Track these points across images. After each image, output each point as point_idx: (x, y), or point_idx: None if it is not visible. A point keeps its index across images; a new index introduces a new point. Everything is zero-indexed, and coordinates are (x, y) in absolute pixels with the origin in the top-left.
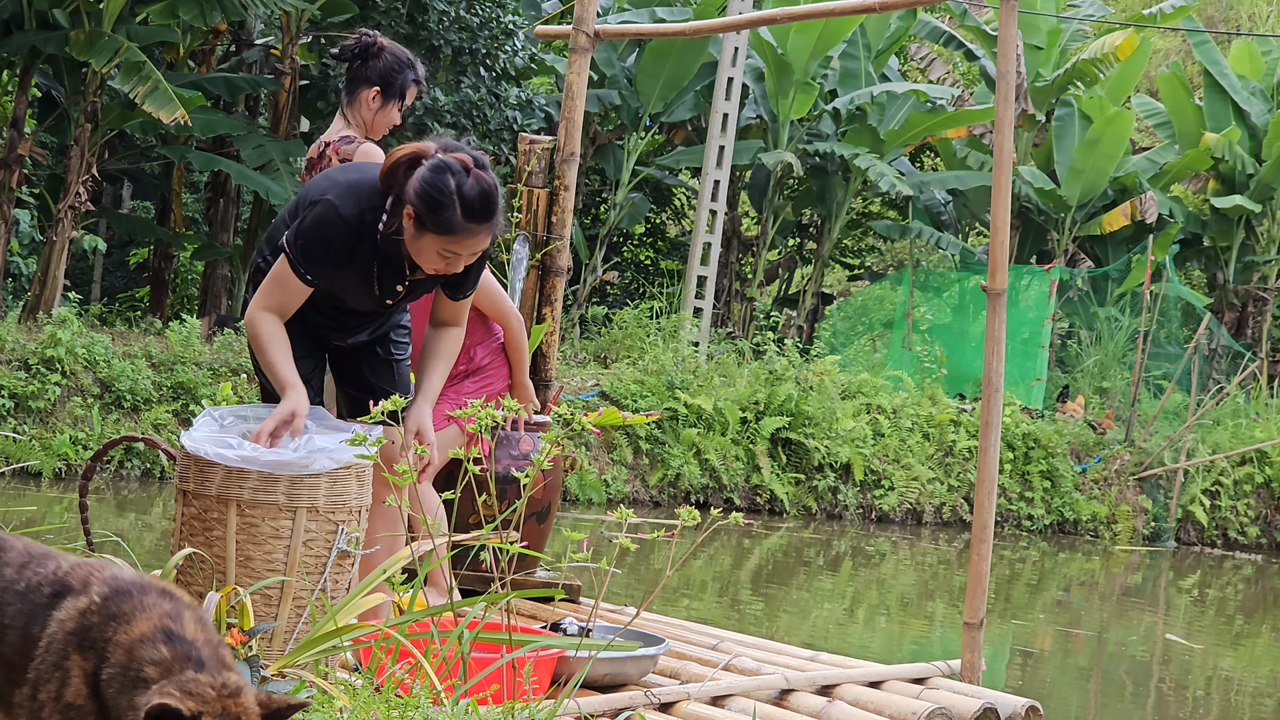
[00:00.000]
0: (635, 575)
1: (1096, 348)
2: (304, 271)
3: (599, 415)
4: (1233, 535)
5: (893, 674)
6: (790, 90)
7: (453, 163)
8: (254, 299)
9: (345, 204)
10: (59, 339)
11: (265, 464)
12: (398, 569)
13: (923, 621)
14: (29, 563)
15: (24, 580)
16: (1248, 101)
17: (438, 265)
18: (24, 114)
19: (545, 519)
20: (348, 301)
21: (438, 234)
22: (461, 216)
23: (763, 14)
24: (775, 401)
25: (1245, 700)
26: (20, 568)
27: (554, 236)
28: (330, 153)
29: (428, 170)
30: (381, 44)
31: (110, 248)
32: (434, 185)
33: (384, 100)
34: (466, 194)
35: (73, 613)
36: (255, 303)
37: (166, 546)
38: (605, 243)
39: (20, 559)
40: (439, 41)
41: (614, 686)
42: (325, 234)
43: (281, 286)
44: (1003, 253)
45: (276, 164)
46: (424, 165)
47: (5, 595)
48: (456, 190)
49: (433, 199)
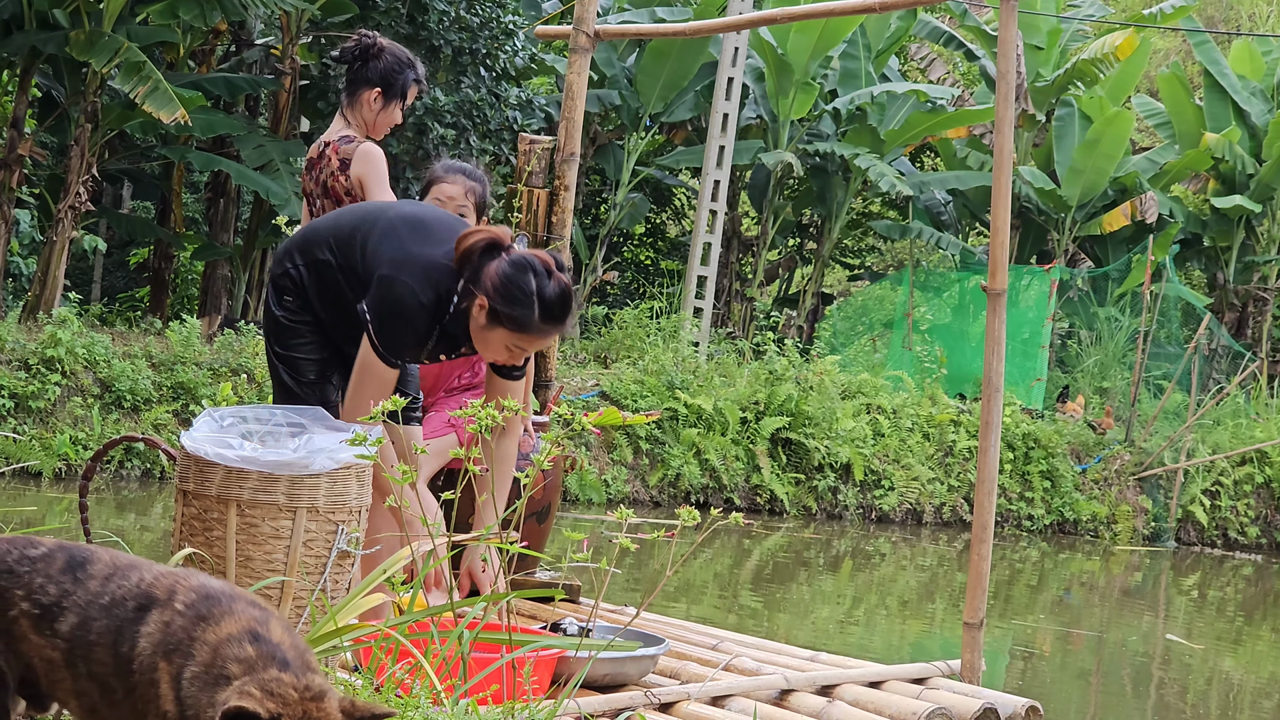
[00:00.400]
0: (635, 575)
1: (1096, 348)
2: (391, 358)
3: (599, 415)
4: (1233, 535)
5: (893, 674)
6: (790, 90)
7: (535, 262)
8: (349, 401)
9: (424, 290)
10: (59, 339)
11: (265, 464)
12: (398, 569)
13: (923, 621)
14: (113, 575)
15: (108, 594)
16: (1248, 101)
17: (502, 358)
18: (24, 114)
19: (545, 519)
20: None
21: (512, 330)
22: (539, 318)
23: (763, 14)
24: (775, 401)
25: (1245, 700)
26: (105, 580)
27: (554, 236)
28: (330, 153)
29: (509, 266)
30: (381, 45)
31: (110, 248)
32: (515, 283)
33: (386, 101)
34: (547, 296)
35: (158, 625)
36: (355, 404)
37: (166, 546)
38: (605, 243)
39: (105, 571)
40: (439, 41)
41: (614, 686)
42: (406, 321)
43: (374, 378)
44: (1003, 253)
45: (277, 164)
46: (505, 260)
47: (90, 610)
48: (538, 291)
49: (513, 296)
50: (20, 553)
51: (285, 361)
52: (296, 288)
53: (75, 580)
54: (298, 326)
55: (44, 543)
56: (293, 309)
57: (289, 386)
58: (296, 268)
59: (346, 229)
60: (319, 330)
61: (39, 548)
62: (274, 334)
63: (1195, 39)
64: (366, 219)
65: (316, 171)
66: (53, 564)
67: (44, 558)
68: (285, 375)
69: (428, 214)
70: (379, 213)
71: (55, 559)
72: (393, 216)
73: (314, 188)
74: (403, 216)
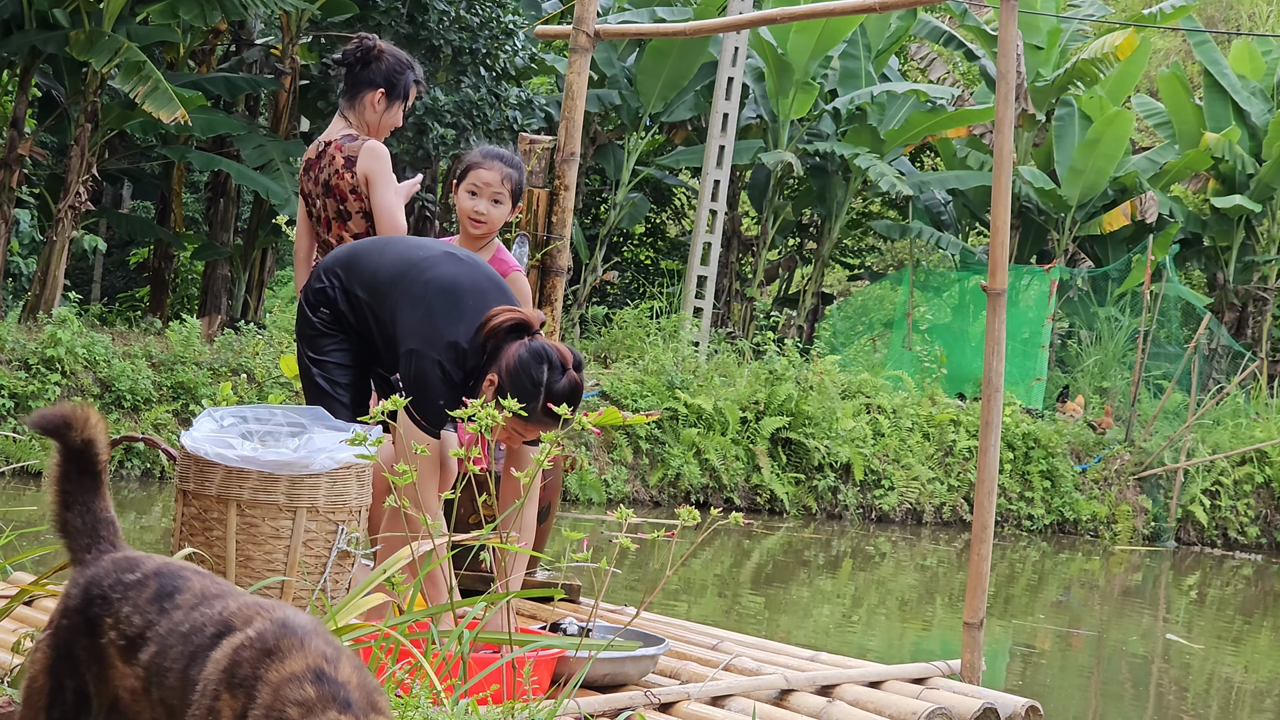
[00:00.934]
0: (635, 575)
1: (1096, 348)
2: (433, 430)
3: (599, 415)
4: (1233, 535)
5: (893, 674)
6: (790, 90)
7: (553, 354)
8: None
9: (454, 370)
10: (59, 339)
11: (265, 464)
12: (397, 569)
13: (923, 621)
14: (199, 604)
15: (189, 622)
16: (1248, 101)
17: (501, 436)
18: (24, 114)
19: (545, 519)
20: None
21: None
22: (541, 410)
23: (763, 14)
24: (775, 401)
25: (1245, 701)
26: (190, 609)
27: (554, 236)
28: (334, 150)
29: (527, 353)
30: (381, 47)
31: (110, 248)
32: (527, 371)
33: (389, 102)
34: (555, 390)
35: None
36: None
37: (167, 546)
38: (605, 242)
39: (192, 600)
40: (439, 41)
41: (614, 686)
42: (440, 395)
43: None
44: (1003, 253)
45: (276, 164)
46: (525, 345)
47: (170, 638)
48: (547, 384)
49: (521, 384)
50: (117, 577)
51: (319, 365)
52: (331, 306)
53: (161, 610)
54: (333, 334)
55: (143, 566)
56: (327, 320)
57: (323, 388)
58: (334, 289)
59: (385, 282)
60: (351, 342)
61: (136, 572)
62: (308, 340)
63: (1195, 39)
64: (405, 277)
65: (316, 171)
66: (143, 592)
67: (137, 584)
68: (319, 378)
69: (463, 283)
70: (417, 274)
71: (147, 587)
72: (429, 281)
73: (313, 188)
74: (440, 286)
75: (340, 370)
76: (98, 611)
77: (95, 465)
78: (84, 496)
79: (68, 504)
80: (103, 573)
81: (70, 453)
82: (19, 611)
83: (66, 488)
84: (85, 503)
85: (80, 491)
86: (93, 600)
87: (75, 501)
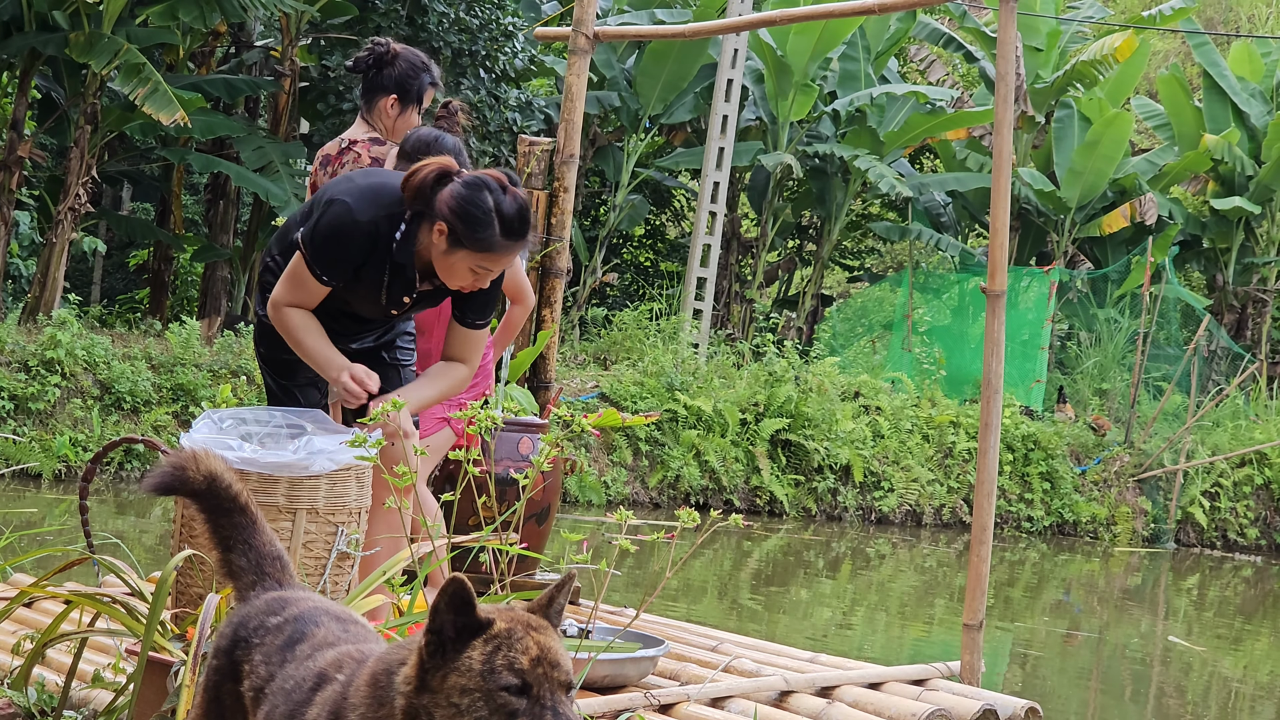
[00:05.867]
0: (635, 577)
1: (1096, 349)
2: (319, 272)
3: (598, 417)
4: (1232, 537)
5: (892, 675)
6: (790, 92)
7: (489, 180)
8: (275, 294)
9: (361, 208)
10: (59, 340)
11: (265, 466)
12: (397, 570)
13: (922, 623)
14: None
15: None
16: (1247, 103)
17: (467, 281)
18: (24, 116)
19: (545, 520)
20: (355, 308)
21: (475, 251)
22: (500, 234)
23: (762, 16)
24: (775, 403)
25: (1245, 702)
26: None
27: (553, 238)
28: (360, 149)
29: (463, 188)
30: (395, 50)
31: (110, 249)
32: (472, 203)
33: (402, 106)
34: (505, 211)
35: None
36: (277, 298)
37: (166, 548)
38: (605, 244)
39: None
40: (439, 43)
41: (614, 688)
42: (340, 236)
43: (299, 284)
44: (1002, 254)
45: (276, 166)
46: (457, 182)
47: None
48: (495, 208)
49: (472, 216)
50: (261, 620)
51: (269, 363)
52: (276, 278)
53: (283, 661)
54: None
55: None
56: None
57: (272, 390)
58: (274, 258)
59: (311, 202)
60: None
61: (280, 614)
62: (259, 338)
63: (1194, 40)
64: (331, 190)
65: (336, 166)
66: (278, 638)
67: (275, 629)
68: (269, 379)
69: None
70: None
71: (282, 632)
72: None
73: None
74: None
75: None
76: (240, 656)
77: (234, 499)
78: (241, 534)
79: (229, 546)
80: (252, 613)
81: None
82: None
83: (220, 532)
84: (246, 540)
85: (234, 529)
86: (238, 643)
87: (236, 541)
